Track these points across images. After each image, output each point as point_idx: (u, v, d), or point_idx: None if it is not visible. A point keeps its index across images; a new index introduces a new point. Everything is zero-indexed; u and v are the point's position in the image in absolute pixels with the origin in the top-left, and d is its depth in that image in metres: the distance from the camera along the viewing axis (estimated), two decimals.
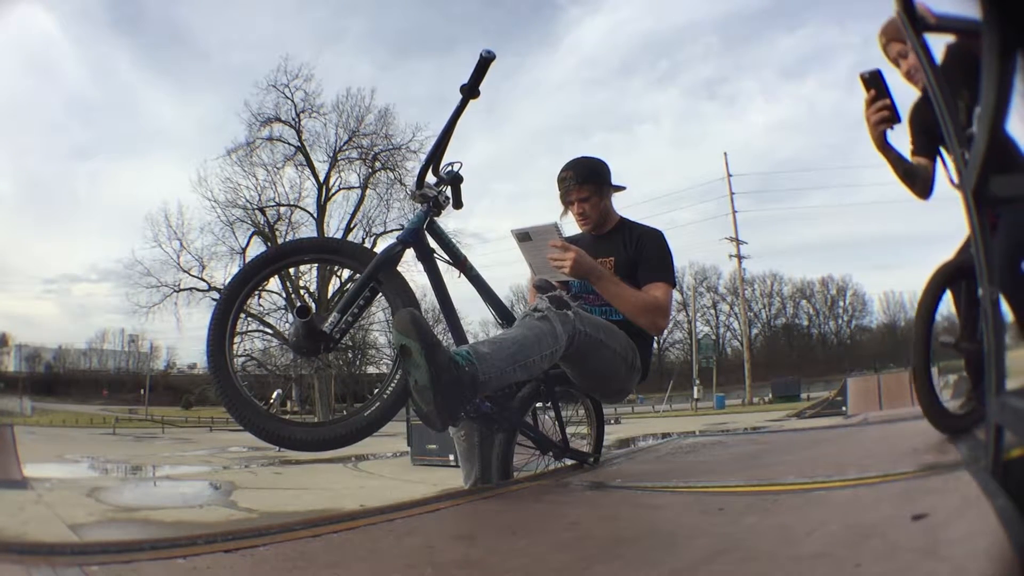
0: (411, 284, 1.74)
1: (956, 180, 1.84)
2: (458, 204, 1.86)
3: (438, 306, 1.84)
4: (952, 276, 1.87)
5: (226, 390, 1.53)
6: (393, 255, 1.69)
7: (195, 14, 49.00)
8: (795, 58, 57.61)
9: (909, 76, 2.00)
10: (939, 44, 1.95)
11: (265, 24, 51.23)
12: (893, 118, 1.86)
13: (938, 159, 2.01)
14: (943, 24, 1.27)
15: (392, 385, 1.60)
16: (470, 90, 1.75)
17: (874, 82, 1.88)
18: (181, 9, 48.84)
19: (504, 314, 1.91)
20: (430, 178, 1.82)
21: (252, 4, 51.82)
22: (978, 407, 1.85)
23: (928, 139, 2.01)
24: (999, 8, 0.81)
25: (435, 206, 1.78)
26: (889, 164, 2.00)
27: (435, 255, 1.78)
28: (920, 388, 1.84)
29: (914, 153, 2.04)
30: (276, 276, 2.17)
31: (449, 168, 1.83)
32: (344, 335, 1.62)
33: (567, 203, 2.19)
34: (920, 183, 2.01)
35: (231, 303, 1.61)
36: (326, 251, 1.83)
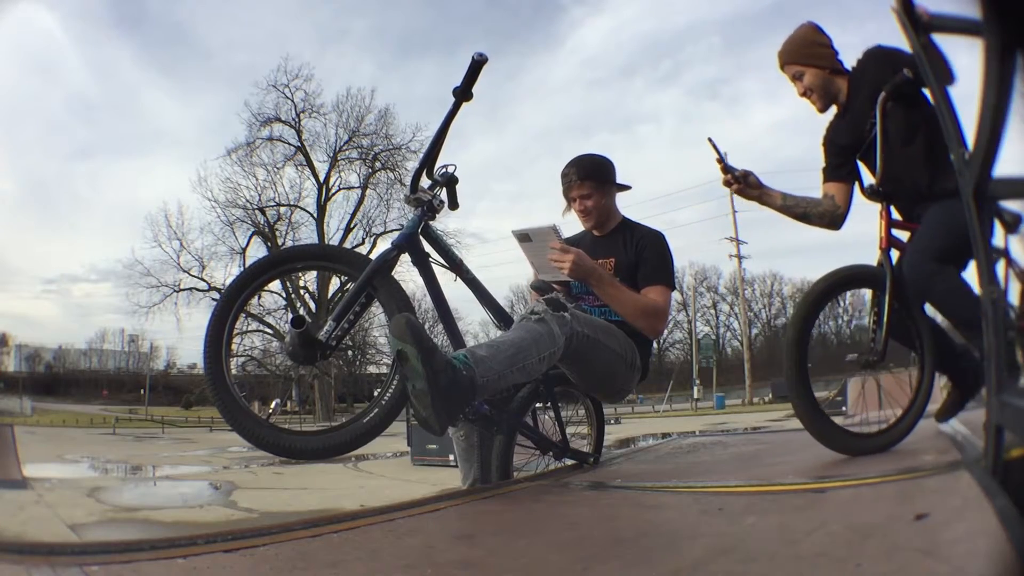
0: (413, 286, 1.75)
1: (871, 187, 1.88)
2: (454, 205, 1.86)
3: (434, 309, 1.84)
4: (838, 287, 1.85)
5: (224, 401, 1.54)
6: (388, 261, 1.69)
7: (197, 14, 49.04)
8: None
9: (805, 95, 2.01)
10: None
11: (267, 24, 51.27)
12: (733, 178, 1.96)
13: (856, 179, 2.00)
14: (941, 24, 1.27)
15: (390, 390, 1.61)
16: (463, 93, 1.75)
17: (713, 146, 1.96)
18: (183, 9, 48.95)
19: (502, 316, 1.91)
20: (425, 181, 1.82)
21: (255, 4, 51.83)
22: (895, 427, 1.83)
23: (840, 160, 2.00)
24: (999, 8, 0.81)
25: (430, 210, 1.77)
26: (781, 212, 2.01)
27: (430, 259, 1.78)
28: (803, 411, 1.75)
29: (824, 181, 2.04)
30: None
31: (443, 170, 1.83)
32: (340, 342, 1.62)
33: (568, 199, 2.19)
34: (818, 217, 2.00)
35: (226, 313, 1.61)
36: (320, 258, 1.83)
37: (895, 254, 1.85)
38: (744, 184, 1.97)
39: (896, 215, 1.90)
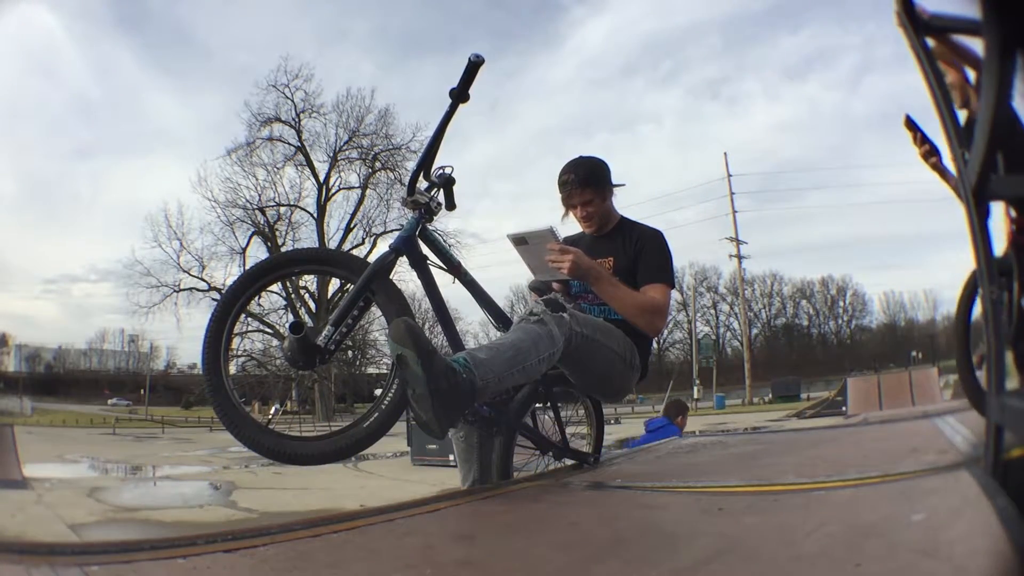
0: (413, 286, 1.74)
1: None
2: (451, 205, 1.85)
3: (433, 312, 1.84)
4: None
5: (224, 409, 1.54)
6: (386, 264, 1.68)
7: (199, 13, 49.11)
8: (797, 58, 57.80)
9: None
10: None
11: (267, 24, 51.31)
12: (933, 151, 2.00)
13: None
14: (941, 24, 1.27)
15: (390, 395, 1.61)
16: (459, 94, 1.74)
17: (910, 125, 2.02)
18: (184, 9, 48.95)
19: (501, 318, 1.90)
20: (422, 183, 1.81)
21: (256, 4, 51.87)
22: None
23: None
24: (999, 8, 0.81)
25: (427, 212, 1.77)
26: (953, 192, 2.07)
27: (428, 262, 1.77)
28: (967, 384, 1.99)
29: None
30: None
31: (440, 171, 1.82)
32: (339, 346, 1.62)
33: (569, 206, 2.18)
34: None
35: (224, 320, 1.60)
36: (318, 262, 1.83)
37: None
38: (939, 157, 1.99)
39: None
